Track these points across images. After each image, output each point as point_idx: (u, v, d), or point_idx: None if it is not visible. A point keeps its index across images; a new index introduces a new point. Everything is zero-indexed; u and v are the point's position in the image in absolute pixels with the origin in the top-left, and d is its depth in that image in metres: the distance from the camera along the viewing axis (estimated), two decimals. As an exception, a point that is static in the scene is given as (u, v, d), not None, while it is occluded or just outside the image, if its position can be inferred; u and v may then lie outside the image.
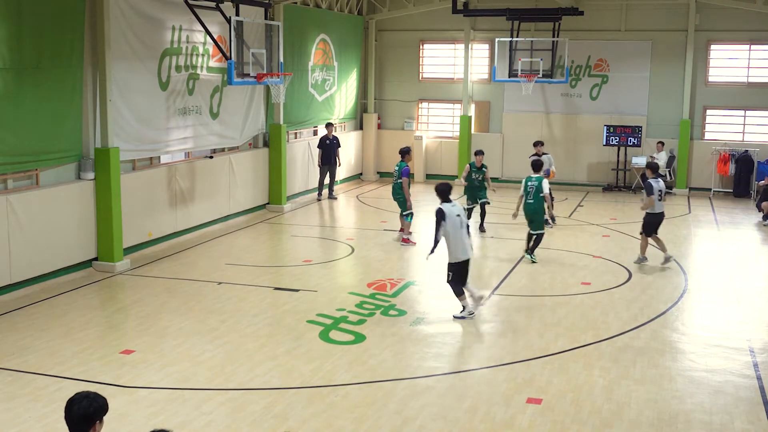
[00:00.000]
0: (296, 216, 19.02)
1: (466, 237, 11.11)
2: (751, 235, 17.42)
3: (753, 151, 21.88)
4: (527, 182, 14.72)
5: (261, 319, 11.25)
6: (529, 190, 14.60)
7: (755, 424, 8.08)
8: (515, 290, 12.79)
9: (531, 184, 14.64)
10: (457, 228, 10.96)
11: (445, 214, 10.91)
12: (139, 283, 13.08)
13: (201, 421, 7.97)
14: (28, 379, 8.94)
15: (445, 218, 10.90)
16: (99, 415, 4.50)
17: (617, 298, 12.39)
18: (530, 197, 14.58)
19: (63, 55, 12.75)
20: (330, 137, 21.08)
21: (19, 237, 12.10)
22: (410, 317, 11.34)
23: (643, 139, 22.75)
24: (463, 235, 11.04)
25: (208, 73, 16.60)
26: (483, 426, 7.93)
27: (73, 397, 4.54)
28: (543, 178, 14.79)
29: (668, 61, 22.63)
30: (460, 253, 11.04)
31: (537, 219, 14.62)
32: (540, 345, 10.25)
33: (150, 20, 14.73)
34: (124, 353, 9.80)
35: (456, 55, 24.60)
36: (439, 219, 10.93)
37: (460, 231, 11.00)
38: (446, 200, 11.18)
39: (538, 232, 14.60)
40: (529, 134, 23.74)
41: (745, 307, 12.15)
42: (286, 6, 18.96)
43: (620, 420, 8.09)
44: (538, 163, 15.23)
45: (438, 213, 10.97)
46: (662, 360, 9.79)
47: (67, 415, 4.50)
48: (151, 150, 15.12)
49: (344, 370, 9.34)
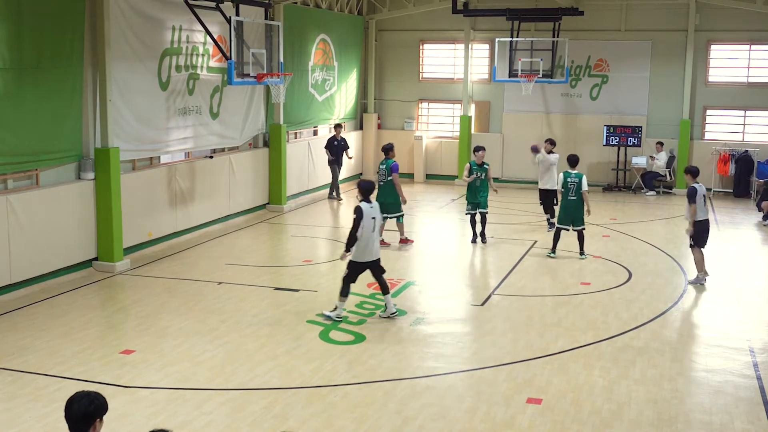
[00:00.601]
0: (296, 216, 19.02)
1: (376, 240, 11.11)
2: (751, 235, 17.42)
3: (753, 151, 21.88)
4: (566, 178, 14.64)
5: (261, 319, 11.25)
6: (570, 186, 14.58)
7: (755, 424, 8.08)
8: (515, 290, 12.79)
9: (571, 180, 14.60)
10: (369, 230, 10.97)
11: (362, 214, 10.89)
12: (139, 283, 13.08)
13: (201, 421, 7.97)
14: (28, 379, 8.94)
15: (363, 217, 10.89)
16: (99, 414, 4.50)
17: (617, 298, 12.39)
18: (572, 193, 14.57)
19: (63, 55, 12.74)
20: (338, 138, 20.94)
21: (19, 237, 12.10)
22: (410, 317, 11.33)
23: (643, 139, 22.75)
24: (374, 237, 11.04)
25: (208, 73, 16.60)
26: (483, 426, 7.93)
27: (73, 396, 4.54)
28: (582, 174, 14.76)
29: (668, 61, 22.63)
30: (366, 254, 11.03)
31: (579, 216, 14.64)
32: (540, 345, 10.25)
33: (150, 20, 14.73)
34: (124, 353, 9.80)
35: (456, 55, 24.60)
36: (357, 217, 10.88)
37: (372, 234, 11.00)
38: (366, 199, 11.13)
39: (581, 228, 14.71)
40: (529, 134, 23.75)
41: (745, 307, 12.15)
42: (286, 6, 18.95)
43: (620, 420, 8.09)
44: (575, 158, 15.16)
45: (356, 211, 10.94)
46: (662, 360, 9.78)
47: (67, 414, 4.50)
48: (151, 150, 15.12)
49: (344, 370, 9.34)
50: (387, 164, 15.61)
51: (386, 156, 15.85)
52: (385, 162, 15.71)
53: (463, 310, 11.97)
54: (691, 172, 13.21)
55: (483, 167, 15.82)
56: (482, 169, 15.80)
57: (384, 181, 15.58)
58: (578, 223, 14.72)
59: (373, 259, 11.12)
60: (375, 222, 11.04)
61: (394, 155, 15.94)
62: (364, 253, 11.02)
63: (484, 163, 15.86)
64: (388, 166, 15.55)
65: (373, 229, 11.02)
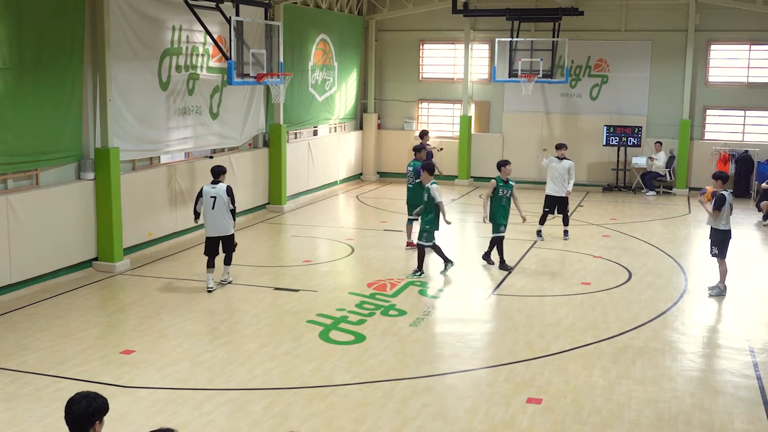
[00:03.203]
0: (296, 216, 19.02)
1: (215, 217, 12.53)
2: (751, 235, 17.41)
3: (753, 151, 21.88)
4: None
5: (261, 319, 11.26)
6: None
7: (755, 424, 8.08)
8: (515, 290, 12.79)
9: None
10: (209, 207, 12.54)
11: (202, 192, 12.61)
12: (139, 283, 13.08)
13: (201, 421, 7.97)
14: (28, 379, 8.94)
15: (202, 195, 12.55)
16: (98, 416, 4.50)
17: (617, 298, 12.39)
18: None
19: (63, 55, 12.74)
20: (427, 146, 18.14)
21: (19, 237, 12.10)
22: (410, 317, 11.34)
23: (643, 139, 22.75)
24: (212, 215, 12.53)
25: (208, 73, 16.60)
26: (483, 426, 7.93)
27: (73, 397, 4.55)
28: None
29: (668, 61, 22.63)
30: (208, 230, 12.71)
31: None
32: (540, 345, 10.25)
33: (150, 20, 14.73)
34: (124, 353, 9.80)
35: (456, 55, 24.60)
36: (198, 196, 12.71)
37: (211, 211, 12.53)
38: (215, 182, 12.61)
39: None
40: (529, 134, 23.77)
41: (745, 307, 12.15)
42: (286, 6, 18.96)
43: (620, 420, 8.09)
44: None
45: (199, 191, 12.72)
46: (662, 360, 9.79)
47: (67, 416, 4.50)
48: (151, 150, 15.12)
49: (344, 370, 9.34)
50: (414, 166, 15.01)
51: (415, 157, 15.39)
52: (413, 163, 15.14)
53: (463, 310, 11.97)
54: (721, 177, 12.45)
55: (509, 184, 14.22)
56: (508, 187, 14.20)
57: (413, 183, 15.03)
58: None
59: (217, 235, 12.66)
60: (214, 200, 12.49)
61: (422, 156, 15.49)
62: (207, 228, 12.70)
63: (509, 180, 14.31)
64: (416, 168, 14.85)
65: (212, 207, 12.50)
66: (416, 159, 15.29)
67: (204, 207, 12.58)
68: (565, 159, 16.36)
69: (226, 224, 12.67)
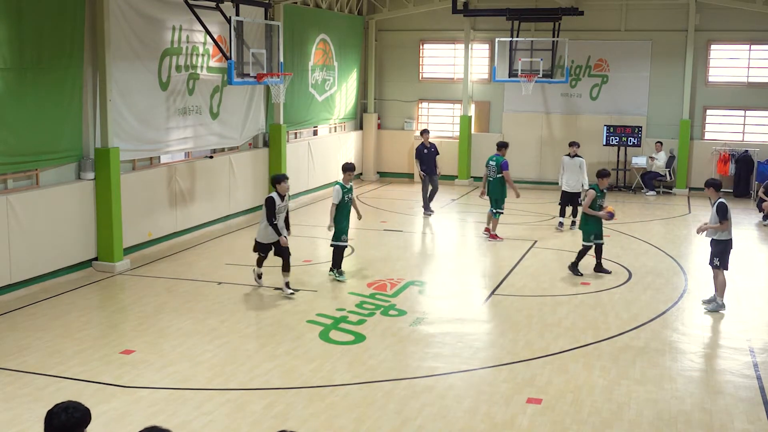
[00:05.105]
0: (296, 216, 19.01)
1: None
2: (751, 235, 17.41)
3: (753, 151, 21.88)
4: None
5: (261, 319, 11.26)
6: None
7: (755, 424, 8.08)
8: (515, 290, 12.79)
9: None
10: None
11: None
12: (139, 283, 13.08)
13: (201, 421, 7.97)
14: (28, 379, 8.94)
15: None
16: (80, 428, 4.36)
17: (617, 298, 12.39)
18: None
19: (63, 55, 12.74)
20: (427, 145, 19.24)
21: (19, 237, 12.10)
22: (410, 317, 11.34)
23: (643, 139, 22.75)
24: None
25: (208, 73, 16.60)
26: (483, 426, 7.93)
27: (52, 409, 4.38)
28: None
29: (668, 61, 22.63)
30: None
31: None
32: (540, 345, 10.25)
33: (150, 20, 14.73)
34: (124, 353, 9.80)
35: (456, 55, 24.60)
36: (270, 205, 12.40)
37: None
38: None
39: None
40: (529, 134, 23.76)
41: (745, 307, 12.15)
42: (286, 6, 18.96)
43: (620, 420, 8.09)
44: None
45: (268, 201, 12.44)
46: (662, 360, 9.79)
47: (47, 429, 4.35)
48: (151, 150, 15.12)
49: (344, 370, 9.34)
50: (497, 161, 15.89)
51: (498, 151, 16.08)
52: (495, 158, 15.95)
53: (463, 309, 11.97)
54: (713, 185, 11.86)
55: (603, 193, 13.81)
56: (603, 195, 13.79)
57: (494, 177, 15.94)
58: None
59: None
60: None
61: (505, 153, 16.17)
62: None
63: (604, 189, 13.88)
64: (498, 163, 15.84)
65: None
66: (499, 154, 16.08)
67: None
68: (577, 156, 17.35)
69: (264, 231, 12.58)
